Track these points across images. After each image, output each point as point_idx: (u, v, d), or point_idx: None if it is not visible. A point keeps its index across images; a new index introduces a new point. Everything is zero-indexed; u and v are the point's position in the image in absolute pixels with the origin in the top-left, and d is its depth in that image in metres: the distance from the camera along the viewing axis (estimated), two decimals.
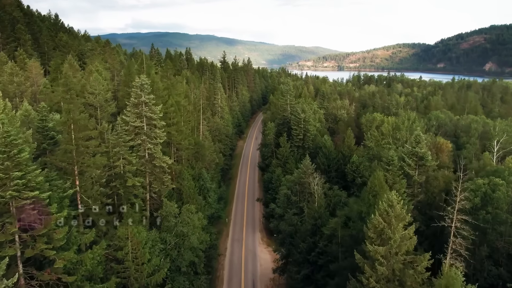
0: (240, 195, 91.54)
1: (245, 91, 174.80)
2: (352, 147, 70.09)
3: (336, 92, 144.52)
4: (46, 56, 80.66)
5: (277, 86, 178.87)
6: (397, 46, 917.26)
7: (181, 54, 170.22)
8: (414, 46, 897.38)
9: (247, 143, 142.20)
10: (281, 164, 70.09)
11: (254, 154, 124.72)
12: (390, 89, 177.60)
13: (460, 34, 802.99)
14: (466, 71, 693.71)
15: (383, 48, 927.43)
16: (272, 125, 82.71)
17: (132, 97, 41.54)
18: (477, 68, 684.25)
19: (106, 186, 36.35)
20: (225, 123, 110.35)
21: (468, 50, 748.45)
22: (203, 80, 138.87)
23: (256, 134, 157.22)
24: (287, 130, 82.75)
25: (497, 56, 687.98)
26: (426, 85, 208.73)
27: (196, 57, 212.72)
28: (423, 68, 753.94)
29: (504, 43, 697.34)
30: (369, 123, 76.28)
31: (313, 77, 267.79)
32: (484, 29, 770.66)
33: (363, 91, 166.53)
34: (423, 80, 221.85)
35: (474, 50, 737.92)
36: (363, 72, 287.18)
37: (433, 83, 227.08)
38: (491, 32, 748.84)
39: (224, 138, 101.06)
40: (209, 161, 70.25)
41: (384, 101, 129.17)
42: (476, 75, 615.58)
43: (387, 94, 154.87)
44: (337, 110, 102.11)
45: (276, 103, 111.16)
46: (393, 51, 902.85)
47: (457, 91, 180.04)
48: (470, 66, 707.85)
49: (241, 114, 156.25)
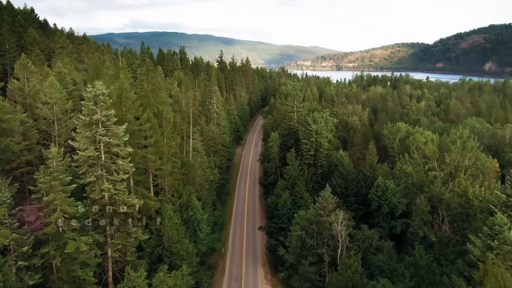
0: (238, 216, 78.23)
1: (243, 93, 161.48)
2: (375, 165, 57.04)
3: (342, 95, 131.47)
4: (7, 55, 67.10)
5: (278, 88, 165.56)
6: (396, 45, 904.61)
7: (175, 53, 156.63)
8: (413, 46, 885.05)
9: (246, 151, 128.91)
10: (288, 186, 56.92)
11: (254, 165, 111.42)
12: (399, 91, 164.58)
13: (459, 34, 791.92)
14: (466, 70, 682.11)
15: (382, 47, 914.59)
16: (275, 136, 69.44)
17: (82, 114, 28.30)
18: (477, 67, 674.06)
19: (32, 256, 23.11)
20: (222, 131, 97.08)
21: (467, 50, 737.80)
22: (197, 82, 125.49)
23: (256, 140, 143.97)
24: (293, 142, 69.53)
25: (497, 56, 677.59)
26: (435, 86, 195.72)
27: (193, 56, 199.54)
28: (422, 67, 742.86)
29: (504, 43, 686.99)
30: (392, 135, 63.19)
31: (314, 77, 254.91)
32: (483, 29, 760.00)
33: (370, 93, 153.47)
34: (430, 81, 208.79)
35: (473, 49, 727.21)
36: (366, 72, 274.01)
37: (440, 83, 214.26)
38: (490, 31, 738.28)
39: (220, 148, 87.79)
40: (201, 182, 57.08)
41: (395, 104, 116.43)
42: (476, 74, 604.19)
43: (396, 96, 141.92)
44: (348, 116, 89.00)
45: (279, 109, 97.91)
46: (392, 50, 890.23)
47: (468, 92, 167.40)
48: (469, 65, 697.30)
49: (239, 118, 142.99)
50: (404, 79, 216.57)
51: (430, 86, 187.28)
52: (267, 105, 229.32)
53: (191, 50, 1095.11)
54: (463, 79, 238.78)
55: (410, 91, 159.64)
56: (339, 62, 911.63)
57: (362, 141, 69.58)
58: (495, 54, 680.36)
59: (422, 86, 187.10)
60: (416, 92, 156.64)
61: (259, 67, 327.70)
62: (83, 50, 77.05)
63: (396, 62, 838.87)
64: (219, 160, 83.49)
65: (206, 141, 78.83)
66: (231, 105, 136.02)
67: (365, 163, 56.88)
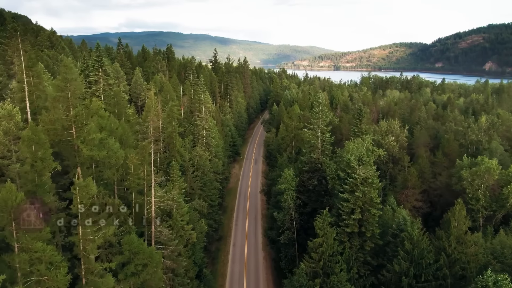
0: (235, 283, 54.30)
1: (241, 98, 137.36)
2: (463, 237, 33.57)
3: (359, 101, 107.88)
4: None
5: (281, 93, 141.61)
6: (394, 45, 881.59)
7: (161, 52, 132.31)
8: (411, 46, 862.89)
9: (245, 170, 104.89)
10: (318, 273, 33.36)
11: (255, 192, 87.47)
12: (419, 95, 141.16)
13: (458, 33, 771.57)
14: (465, 70, 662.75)
15: (380, 47, 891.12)
16: (289, 174, 45.36)
17: None
18: (477, 67, 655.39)
19: None
20: (213, 152, 73.39)
21: (466, 50, 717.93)
22: (185, 87, 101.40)
23: (255, 155, 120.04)
24: (319, 185, 45.79)
25: (497, 56, 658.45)
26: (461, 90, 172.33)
27: (189, 56, 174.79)
28: (421, 67, 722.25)
29: (503, 42, 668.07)
30: (478, 178, 39.68)
31: (316, 77, 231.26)
32: (482, 28, 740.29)
33: (387, 99, 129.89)
34: (448, 83, 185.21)
35: (472, 49, 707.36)
36: (373, 73, 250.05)
37: (457, 86, 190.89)
38: (489, 31, 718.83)
39: (210, 179, 63.94)
40: (169, 267, 33.32)
41: (429, 115, 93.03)
42: (476, 74, 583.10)
43: (422, 103, 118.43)
44: (381, 135, 65.44)
45: (287, 124, 74.01)
46: (390, 50, 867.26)
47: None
48: (469, 65, 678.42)
49: (236, 128, 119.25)
50: (417, 81, 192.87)
51: (454, 89, 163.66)
52: (266, 109, 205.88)
53: (188, 50, 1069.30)
54: (479, 81, 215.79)
55: (433, 95, 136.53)
56: (336, 62, 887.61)
57: (419, 181, 46.29)
58: (495, 54, 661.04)
59: (443, 88, 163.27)
60: (441, 97, 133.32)
61: (256, 67, 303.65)
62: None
63: (395, 62, 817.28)
64: (209, 200, 59.64)
65: (190, 179, 54.86)
66: (226, 113, 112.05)
67: (447, 235, 33.30)
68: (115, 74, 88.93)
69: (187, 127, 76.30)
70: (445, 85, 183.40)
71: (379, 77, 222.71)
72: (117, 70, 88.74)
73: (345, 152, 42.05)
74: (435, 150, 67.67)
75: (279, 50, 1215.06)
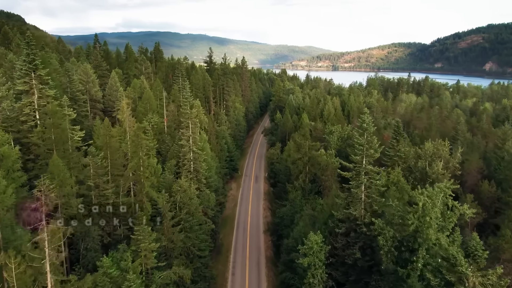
0: None
1: (238, 103, 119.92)
2: None
3: (379, 110, 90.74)
4: None
5: (283, 97, 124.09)
6: (392, 45, 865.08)
7: (147, 51, 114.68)
8: (410, 46, 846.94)
9: (244, 191, 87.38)
10: None
11: (256, 224, 70.41)
12: (440, 100, 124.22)
13: (457, 33, 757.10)
14: (465, 71, 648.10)
15: (378, 47, 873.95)
16: (316, 239, 28.15)
17: None
18: (477, 68, 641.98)
19: None
20: (205, 178, 56.19)
21: (466, 50, 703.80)
22: (172, 92, 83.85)
23: (255, 171, 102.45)
24: (362, 258, 28.81)
25: (497, 56, 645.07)
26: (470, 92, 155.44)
27: (188, 57, 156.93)
28: (420, 68, 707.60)
29: (503, 42, 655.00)
30: None
31: (320, 79, 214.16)
32: (481, 28, 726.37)
33: (405, 105, 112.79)
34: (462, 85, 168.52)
35: (472, 49, 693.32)
36: (380, 74, 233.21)
37: (472, 88, 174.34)
38: (489, 31, 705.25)
39: (198, 221, 46.87)
40: None
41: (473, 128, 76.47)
42: (476, 75, 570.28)
43: (448, 110, 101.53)
44: (425, 160, 48.47)
45: (300, 144, 56.66)
46: (389, 50, 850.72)
47: None
48: (469, 65, 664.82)
49: (233, 139, 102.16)
50: (430, 83, 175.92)
51: (475, 94, 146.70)
52: (266, 113, 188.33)
53: (185, 50, 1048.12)
54: (494, 83, 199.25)
55: (455, 100, 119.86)
56: (335, 62, 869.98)
57: None
58: (496, 54, 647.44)
59: (465, 92, 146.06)
60: (464, 102, 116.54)
61: (254, 67, 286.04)
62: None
63: (393, 62, 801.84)
64: (196, 250, 42.46)
65: (167, 227, 37.67)
66: (222, 123, 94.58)
67: None
68: (84, 78, 71.51)
69: (171, 146, 58.93)
70: (460, 87, 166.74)
71: (384, 78, 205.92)
72: (86, 73, 71.20)
73: (410, 211, 24.97)
74: (490, 179, 50.90)
75: (276, 50, 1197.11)
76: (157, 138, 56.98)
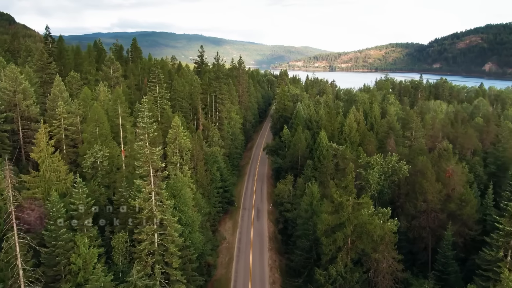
0: None
1: (235, 112, 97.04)
2: None
3: (419, 126, 68.24)
4: None
5: (289, 105, 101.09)
6: (390, 46, 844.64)
7: (122, 49, 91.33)
8: (407, 46, 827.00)
9: (242, 233, 64.21)
10: None
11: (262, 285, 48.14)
12: (476, 109, 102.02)
13: (455, 34, 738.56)
14: (465, 71, 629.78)
15: (376, 48, 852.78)
16: None
17: None
18: (476, 68, 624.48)
19: None
20: (180, 255, 33.84)
21: (465, 50, 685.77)
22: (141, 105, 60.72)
23: (256, 200, 79.50)
24: None
25: (496, 56, 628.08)
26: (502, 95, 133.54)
27: (184, 57, 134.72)
28: (418, 68, 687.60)
29: (503, 43, 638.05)
30: None
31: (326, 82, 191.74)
32: (480, 29, 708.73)
33: (438, 115, 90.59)
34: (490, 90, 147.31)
35: (471, 50, 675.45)
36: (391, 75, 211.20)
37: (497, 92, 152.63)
38: (487, 31, 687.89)
39: None
40: None
41: None
42: (476, 76, 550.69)
43: (494, 123, 79.44)
44: None
45: (341, 205, 34.29)
46: (386, 51, 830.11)
47: None
48: (468, 66, 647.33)
49: (228, 161, 79.60)
50: (448, 86, 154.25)
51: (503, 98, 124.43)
52: (265, 119, 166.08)
53: (180, 50, 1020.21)
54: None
55: (496, 109, 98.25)
56: (332, 62, 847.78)
57: None
58: (495, 55, 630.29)
59: (503, 99, 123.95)
60: (508, 112, 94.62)
61: (250, 68, 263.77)
62: None
63: (391, 63, 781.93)
64: None
65: None
66: (214, 143, 71.63)
67: None
68: (10, 85, 48.45)
69: (124, 202, 35.91)
70: (485, 91, 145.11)
71: (394, 80, 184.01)
72: (13, 79, 48.05)
73: None
74: None
75: (273, 51, 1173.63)
76: (102, 193, 34.03)
